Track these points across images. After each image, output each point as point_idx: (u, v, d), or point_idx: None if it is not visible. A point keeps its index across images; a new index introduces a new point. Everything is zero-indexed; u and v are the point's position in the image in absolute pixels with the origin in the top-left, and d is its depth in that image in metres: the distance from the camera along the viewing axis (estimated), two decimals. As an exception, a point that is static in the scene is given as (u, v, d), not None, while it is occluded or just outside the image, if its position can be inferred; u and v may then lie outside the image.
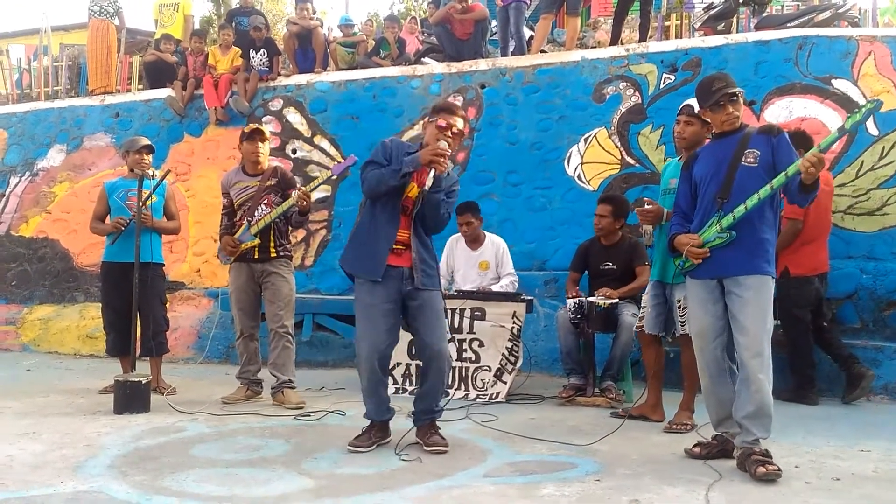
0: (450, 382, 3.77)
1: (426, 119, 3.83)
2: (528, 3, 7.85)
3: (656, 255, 4.26)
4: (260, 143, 4.88)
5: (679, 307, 4.03)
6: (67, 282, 8.11)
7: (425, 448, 3.57)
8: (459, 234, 5.72)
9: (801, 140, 4.83)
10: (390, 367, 5.21)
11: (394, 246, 3.59)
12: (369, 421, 3.70)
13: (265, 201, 4.81)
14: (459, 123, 3.63)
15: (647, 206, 4.13)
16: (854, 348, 5.37)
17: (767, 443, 3.25)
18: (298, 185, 4.82)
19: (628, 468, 3.32)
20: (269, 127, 7.70)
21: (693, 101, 3.88)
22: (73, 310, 7.81)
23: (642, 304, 4.40)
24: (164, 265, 5.37)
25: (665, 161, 5.23)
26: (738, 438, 3.30)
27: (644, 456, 3.53)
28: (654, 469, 3.30)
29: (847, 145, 5.95)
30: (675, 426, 4.10)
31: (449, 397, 4.29)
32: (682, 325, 4.03)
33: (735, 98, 3.38)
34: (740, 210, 3.25)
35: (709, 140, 3.69)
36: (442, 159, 3.46)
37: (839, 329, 5.57)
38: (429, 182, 3.47)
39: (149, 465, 3.31)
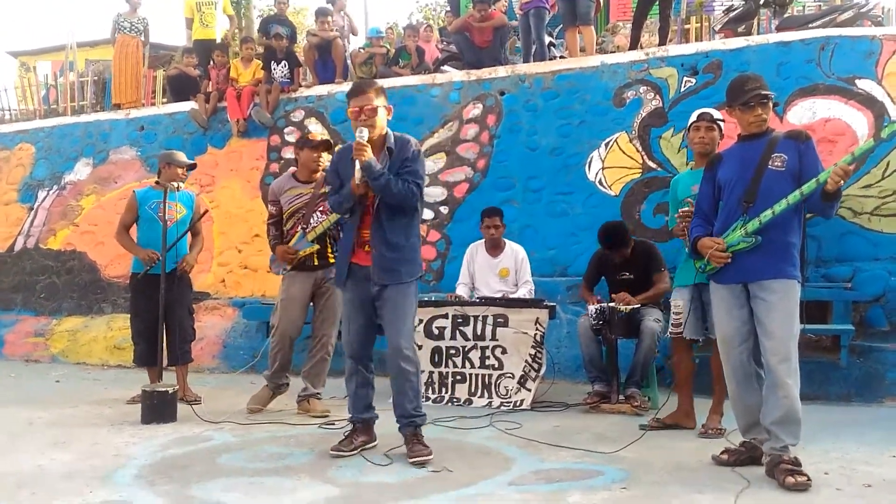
0: (418, 386, 3.73)
1: None
2: (549, 8, 7.83)
3: (687, 258, 4.19)
4: (324, 153, 4.85)
5: None
6: (95, 293, 8.23)
7: (408, 460, 3.53)
8: (481, 241, 5.71)
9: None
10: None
11: (364, 249, 3.67)
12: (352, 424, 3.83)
13: (321, 208, 4.75)
14: (369, 101, 3.57)
15: (689, 208, 3.99)
16: (883, 352, 5.29)
17: (796, 449, 3.20)
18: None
19: (655, 475, 3.29)
20: (291, 138, 7.76)
21: (710, 109, 4.02)
22: (101, 321, 7.92)
23: (675, 311, 4.20)
24: (190, 276, 5.43)
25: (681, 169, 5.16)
26: (766, 445, 3.25)
27: (671, 463, 3.50)
28: (682, 476, 3.27)
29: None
30: (710, 430, 4.06)
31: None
32: None
33: (766, 100, 3.36)
34: (767, 215, 3.22)
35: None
36: (359, 150, 3.49)
37: (868, 333, 5.48)
38: (357, 175, 3.51)
39: (176, 475, 3.35)
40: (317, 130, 7.76)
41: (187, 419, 4.50)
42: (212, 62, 8.61)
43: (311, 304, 4.87)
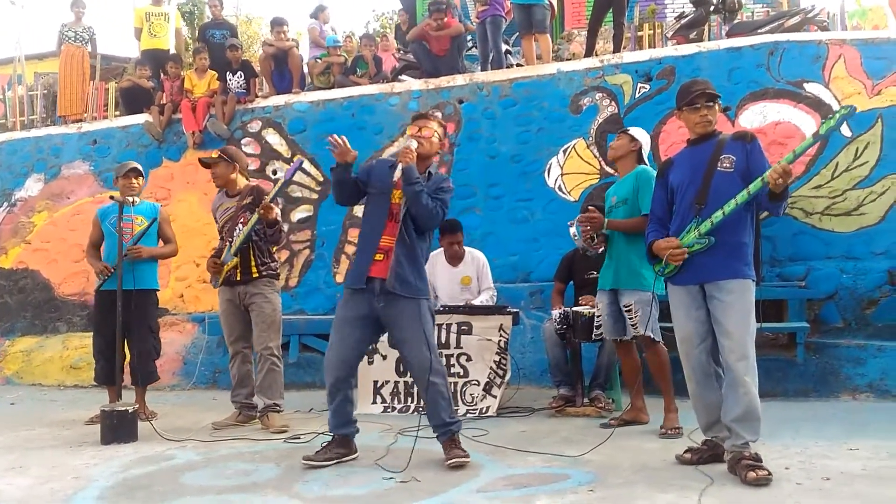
0: (448, 394, 3.72)
1: None
2: (505, 17, 7.91)
3: (607, 264, 4.44)
4: (215, 168, 4.91)
5: (627, 310, 4.26)
6: (49, 312, 8.01)
7: (445, 463, 3.57)
8: (440, 250, 5.66)
9: None
10: (378, 385, 5.27)
11: (376, 256, 3.65)
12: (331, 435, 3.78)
13: (241, 220, 4.77)
14: (428, 126, 3.80)
15: (590, 214, 4.27)
16: (838, 348, 5.44)
17: (757, 445, 3.28)
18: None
19: (621, 477, 3.33)
20: (248, 149, 7.69)
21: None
22: (56, 340, 7.71)
23: (597, 315, 4.55)
24: (157, 290, 5.34)
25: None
26: (727, 442, 3.31)
27: (636, 464, 3.54)
28: (647, 476, 3.32)
29: (822, 147, 6.04)
30: (669, 431, 4.13)
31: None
32: (634, 328, 4.26)
33: (711, 103, 3.44)
34: (718, 216, 3.29)
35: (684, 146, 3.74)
36: (406, 155, 3.62)
37: (822, 329, 5.63)
38: (397, 174, 3.63)
39: (138, 495, 3.27)
40: (274, 141, 7.72)
41: (149, 438, 4.40)
42: (165, 73, 8.48)
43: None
